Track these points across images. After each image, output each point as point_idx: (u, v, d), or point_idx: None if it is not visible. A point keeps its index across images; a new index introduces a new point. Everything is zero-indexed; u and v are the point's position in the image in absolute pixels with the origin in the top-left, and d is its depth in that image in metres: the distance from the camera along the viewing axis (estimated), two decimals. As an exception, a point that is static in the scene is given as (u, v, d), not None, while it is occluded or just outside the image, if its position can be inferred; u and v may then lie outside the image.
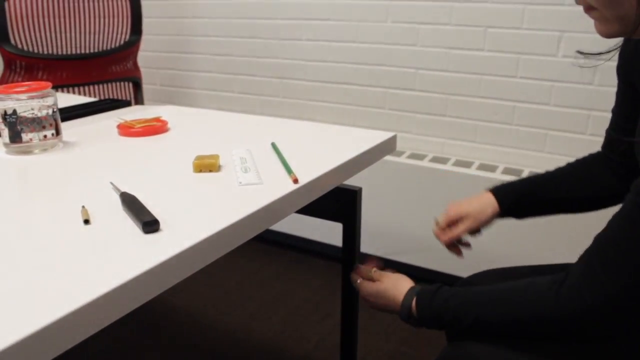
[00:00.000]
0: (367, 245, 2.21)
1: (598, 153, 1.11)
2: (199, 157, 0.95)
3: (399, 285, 0.97)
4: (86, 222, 0.74)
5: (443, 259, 2.05)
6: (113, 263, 0.62)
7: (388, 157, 2.10)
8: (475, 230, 1.11)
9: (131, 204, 0.77)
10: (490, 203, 1.09)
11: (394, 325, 1.93)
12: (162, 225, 0.72)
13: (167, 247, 0.66)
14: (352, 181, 1.17)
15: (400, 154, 2.14)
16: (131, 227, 0.72)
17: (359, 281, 1.05)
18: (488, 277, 1.09)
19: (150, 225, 0.71)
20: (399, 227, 2.13)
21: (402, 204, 2.10)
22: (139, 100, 2.49)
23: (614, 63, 1.84)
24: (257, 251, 2.43)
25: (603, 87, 1.85)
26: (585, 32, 1.82)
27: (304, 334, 1.88)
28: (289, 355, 1.78)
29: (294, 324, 1.94)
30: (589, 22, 1.93)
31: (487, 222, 1.09)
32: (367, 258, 1.18)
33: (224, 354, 1.79)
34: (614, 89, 1.84)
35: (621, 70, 1.00)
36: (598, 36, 1.95)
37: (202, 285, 2.17)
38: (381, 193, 2.14)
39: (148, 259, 0.63)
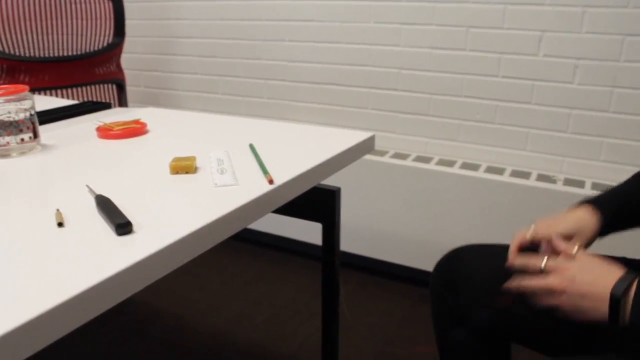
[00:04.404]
0: (353, 244, 2.22)
1: None
2: (175, 159, 0.95)
3: (611, 264, 0.76)
4: (60, 225, 0.74)
5: (427, 258, 2.06)
6: (84, 265, 0.62)
7: (372, 157, 2.11)
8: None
9: (105, 206, 0.77)
10: (589, 216, 0.93)
11: (379, 324, 1.94)
12: (135, 227, 0.72)
13: (139, 248, 0.66)
14: (335, 181, 1.17)
15: (383, 153, 2.15)
16: (105, 229, 0.72)
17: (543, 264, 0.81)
18: (471, 252, 1.08)
19: (123, 227, 0.71)
20: (384, 227, 2.14)
21: (386, 204, 2.11)
22: (122, 102, 2.49)
23: (593, 62, 1.87)
24: (242, 252, 2.43)
25: (583, 86, 1.86)
26: (565, 31, 1.84)
27: (288, 334, 1.89)
28: (274, 355, 1.78)
29: (279, 324, 1.94)
30: (568, 21, 1.96)
31: (593, 239, 0.93)
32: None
33: (209, 355, 1.79)
34: (594, 88, 1.88)
35: None
36: (577, 36, 1.97)
37: (186, 287, 2.17)
38: (365, 193, 2.14)
39: (120, 261, 0.63)
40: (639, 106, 1.81)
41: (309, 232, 2.30)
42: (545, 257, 0.81)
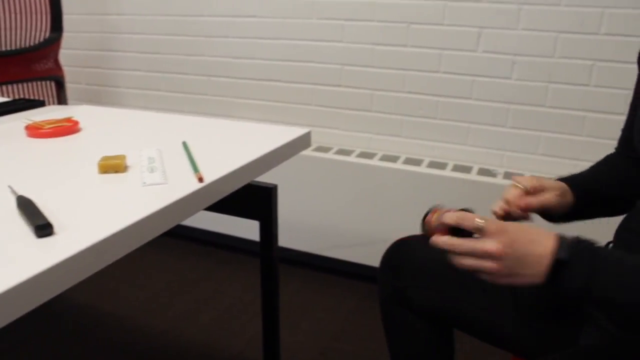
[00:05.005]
0: (298, 241, 2.22)
1: (614, 154, 1.05)
2: (104, 158, 0.93)
3: (538, 228, 0.76)
4: (-24, 227, 0.71)
5: (372, 253, 2.08)
6: (-2, 269, 0.60)
7: (316, 154, 2.11)
8: (546, 212, 0.96)
9: (26, 207, 0.74)
10: (565, 187, 0.96)
11: (325, 320, 1.94)
12: (57, 229, 0.70)
13: (59, 250, 0.64)
14: (279, 178, 1.16)
15: (327, 149, 2.16)
16: (24, 231, 0.70)
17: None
18: (417, 241, 1.14)
19: (42, 229, 0.69)
20: (329, 223, 2.14)
21: (331, 200, 2.11)
22: (62, 100, 2.42)
23: (529, 58, 1.91)
24: (187, 251, 2.40)
25: (521, 81, 1.91)
26: (502, 28, 1.88)
27: (234, 333, 1.87)
28: (219, 355, 1.77)
29: (225, 324, 1.93)
30: (506, 18, 1.99)
31: (564, 208, 0.95)
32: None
33: (154, 356, 1.76)
34: (532, 83, 1.93)
35: None
36: (514, 32, 2.01)
37: (130, 288, 2.13)
38: (310, 189, 2.14)
39: (37, 264, 0.61)
40: (573, 101, 1.86)
41: (255, 230, 2.28)
42: (484, 220, 0.76)
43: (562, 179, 0.99)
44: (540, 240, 0.73)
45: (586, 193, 0.98)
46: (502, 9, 1.86)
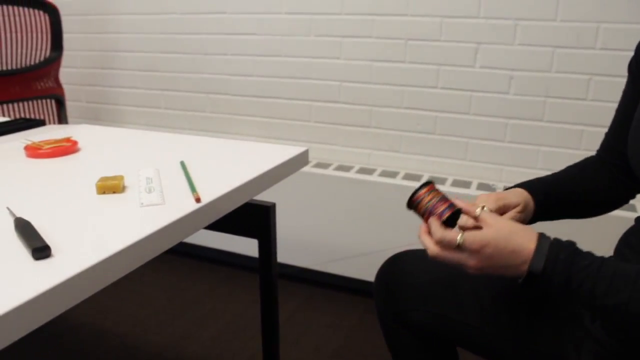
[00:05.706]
0: (299, 258, 2.22)
1: (595, 157, 1.06)
2: (102, 179, 0.94)
3: (522, 231, 0.78)
4: (-26, 250, 0.71)
5: (372, 269, 2.07)
6: (-5, 293, 0.60)
7: (316, 170, 2.11)
8: None
9: (24, 229, 0.75)
10: (527, 197, 0.96)
11: (326, 337, 1.94)
12: (55, 251, 0.70)
13: (56, 273, 0.64)
14: (279, 195, 1.16)
15: (327, 166, 2.16)
16: (22, 254, 0.70)
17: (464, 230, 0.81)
18: (409, 257, 1.13)
19: (40, 251, 0.69)
20: (329, 239, 2.14)
21: (331, 216, 2.11)
22: (62, 118, 2.43)
23: (526, 73, 1.92)
24: (188, 268, 2.40)
25: (518, 96, 1.92)
26: (499, 43, 1.89)
27: (235, 351, 1.86)
28: (219, 373, 1.76)
29: (226, 341, 1.92)
30: (502, 34, 2.01)
31: (528, 217, 0.96)
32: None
33: (152, 376, 1.75)
34: (530, 98, 1.93)
35: (636, 67, 0.95)
36: (511, 47, 2.02)
37: (130, 306, 2.12)
38: (310, 205, 2.15)
39: (33, 287, 0.61)
40: (571, 115, 1.87)
41: (255, 247, 2.28)
42: (461, 233, 0.80)
43: (522, 185, 0.98)
44: (520, 249, 0.76)
45: (546, 197, 0.98)
46: (498, 25, 1.88)
